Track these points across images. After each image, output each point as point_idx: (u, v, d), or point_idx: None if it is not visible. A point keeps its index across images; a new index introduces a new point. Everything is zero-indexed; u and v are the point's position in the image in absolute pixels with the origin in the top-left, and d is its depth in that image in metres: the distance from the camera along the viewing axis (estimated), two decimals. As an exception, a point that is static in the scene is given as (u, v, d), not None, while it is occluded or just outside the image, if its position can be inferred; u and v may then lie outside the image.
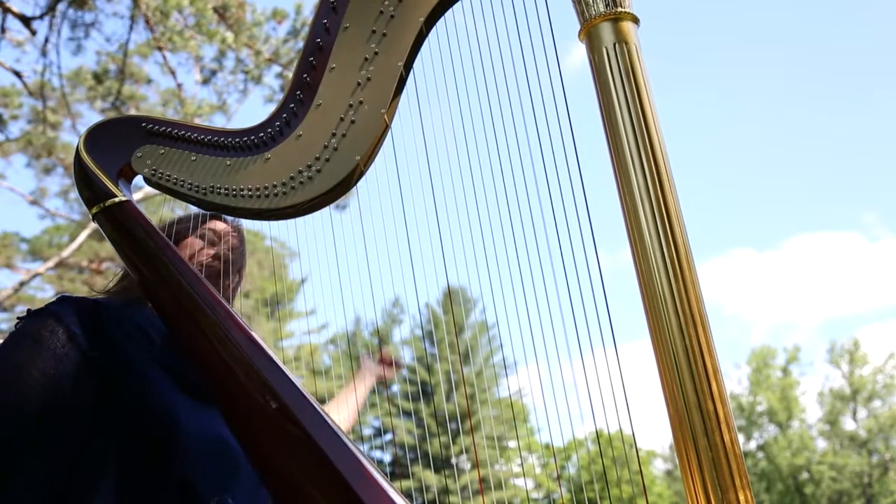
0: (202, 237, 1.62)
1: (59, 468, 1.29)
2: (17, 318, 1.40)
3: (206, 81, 10.82)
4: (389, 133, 1.43)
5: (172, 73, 10.35)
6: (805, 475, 29.20)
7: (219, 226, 1.65)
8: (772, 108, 47.39)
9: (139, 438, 1.34)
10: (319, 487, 1.24)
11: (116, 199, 1.51)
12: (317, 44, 1.47)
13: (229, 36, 9.50)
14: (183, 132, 1.54)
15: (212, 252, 1.60)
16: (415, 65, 1.43)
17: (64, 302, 1.42)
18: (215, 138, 1.52)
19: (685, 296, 1.09)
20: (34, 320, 1.37)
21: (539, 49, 1.23)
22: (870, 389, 30.02)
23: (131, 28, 9.69)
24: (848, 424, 30.31)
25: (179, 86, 10.72)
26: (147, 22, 9.39)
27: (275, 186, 1.46)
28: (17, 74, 9.72)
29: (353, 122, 1.44)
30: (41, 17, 8.96)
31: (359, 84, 1.44)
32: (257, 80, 10.59)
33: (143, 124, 1.58)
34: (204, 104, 10.66)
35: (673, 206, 1.13)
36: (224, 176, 1.50)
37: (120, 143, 1.57)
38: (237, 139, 1.50)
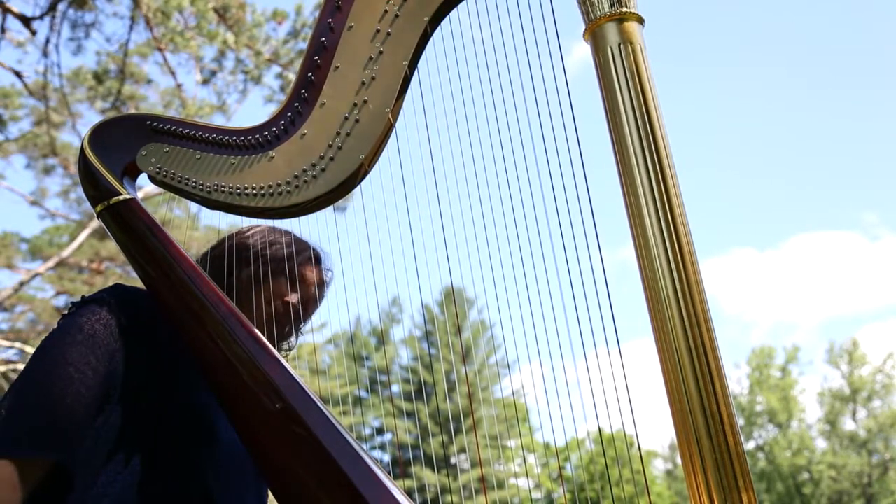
0: (291, 281, 1.57)
1: (100, 464, 1.29)
2: (72, 303, 1.39)
3: (206, 82, 10.82)
4: (394, 132, 1.43)
5: (172, 73, 10.35)
6: (805, 475, 29.20)
7: (308, 275, 1.61)
8: (772, 108, 47.45)
9: (174, 436, 1.34)
10: (323, 487, 1.24)
11: (121, 197, 1.51)
12: (321, 43, 1.47)
13: (230, 37, 9.50)
14: (188, 130, 1.54)
15: (288, 299, 1.56)
16: (419, 64, 1.43)
17: (117, 292, 1.40)
18: (220, 137, 1.52)
19: (689, 296, 1.09)
20: (88, 310, 1.35)
21: (543, 48, 1.24)
22: (869, 389, 30.02)
23: (131, 28, 9.70)
24: (847, 424, 30.32)
25: (179, 86, 10.72)
26: (147, 22, 9.39)
27: (279, 185, 1.46)
28: (18, 75, 9.72)
29: (357, 121, 1.44)
30: (41, 17, 8.96)
31: (363, 83, 1.44)
32: (257, 81, 10.59)
33: (148, 122, 1.57)
34: (204, 105, 10.65)
35: (677, 206, 1.13)
36: (228, 174, 1.50)
37: (125, 141, 1.56)
38: (242, 138, 1.50)
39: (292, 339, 1.64)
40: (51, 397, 1.25)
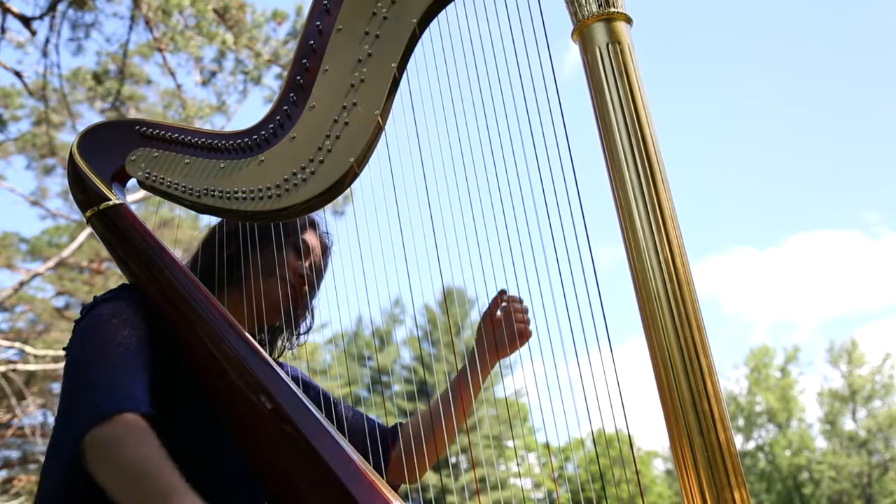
0: (294, 248, 1.58)
1: None
2: (83, 306, 1.40)
3: (205, 83, 10.81)
4: (383, 134, 1.43)
5: (172, 73, 10.34)
6: (805, 475, 29.18)
7: (311, 239, 1.62)
8: (773, 107, 47.44)
9: (185, 436, 1.34)
10: (313, 487, 1.24)
11: (110, 203, 1.51)
12: (310, 46, 1.47)
13: (230, 37, 9.50)
14: (176, 135, 1.54)
15: (304, 266, 1.58)
16: (408, 66, 1.43)
17: (127, 290, 1.42)
18: (209, 141, 1.52)
19: (679, 294, 1.10)
20: (104, 306, 1.36)
21: (532, 49, 1.24)
22: (869, 389, 29.98)
23: (131, 28, 9.69)
24: (847, 424, 30.28)
25: (179, 86, 10.72)
26: (147, 23, 9.39)
27: (269, 189, 1.46)
28: (18, 75, 9.71)
29: (346, 123, 1.43)
30: (41, 17, 8.95)
31: (352, 86, 1.43)
32: (257, 81, 10.59)
33: (137, 127, 1.57)
34: (204, 105, 10.65)
35: (667, 205, 1.14)
36: (218, 178, 1.49)
37: (114, 146, 1.56)
38: (231, 141, 1.50)
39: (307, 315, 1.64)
40: (113, 370, 1.25)
